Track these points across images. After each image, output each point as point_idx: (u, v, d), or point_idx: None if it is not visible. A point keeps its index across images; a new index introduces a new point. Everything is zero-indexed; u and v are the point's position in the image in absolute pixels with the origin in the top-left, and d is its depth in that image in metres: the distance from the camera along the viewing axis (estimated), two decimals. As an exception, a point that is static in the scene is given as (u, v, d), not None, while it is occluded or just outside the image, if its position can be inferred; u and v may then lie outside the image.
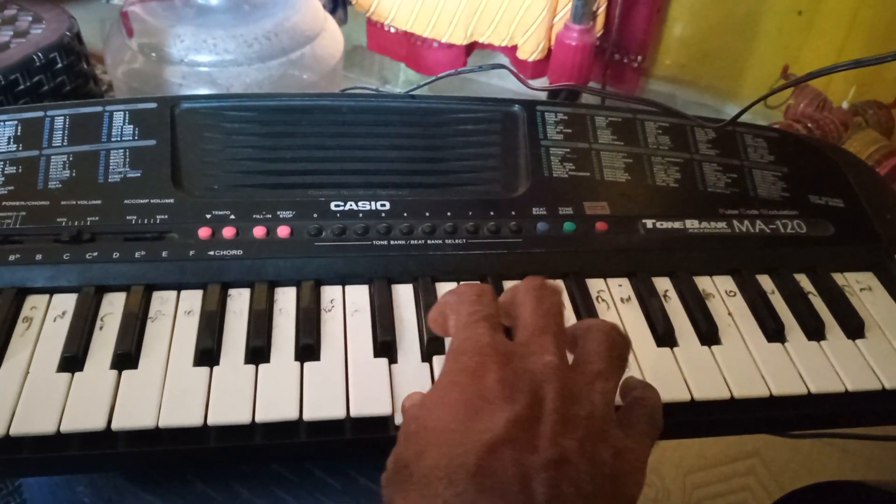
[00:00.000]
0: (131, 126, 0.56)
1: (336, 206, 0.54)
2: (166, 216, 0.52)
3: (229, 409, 0.42)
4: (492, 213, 0.55)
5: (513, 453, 0.30)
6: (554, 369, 0.34)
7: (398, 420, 0.43)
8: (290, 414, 0.42)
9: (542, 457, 0.30)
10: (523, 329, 0.37)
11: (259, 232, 0.51)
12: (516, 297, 0.39)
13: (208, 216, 0.52)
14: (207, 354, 0.45)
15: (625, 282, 0.54)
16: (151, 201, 0.52)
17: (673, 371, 0.48)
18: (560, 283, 0.40)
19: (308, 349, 0.46)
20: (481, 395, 0.33)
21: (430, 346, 0.47)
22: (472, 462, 0.30)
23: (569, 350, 0.37)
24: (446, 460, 0.31)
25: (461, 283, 0.41)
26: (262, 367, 0.45)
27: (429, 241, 0.53)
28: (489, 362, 0.34)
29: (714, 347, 0.49)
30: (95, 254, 0.49)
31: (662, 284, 0.54)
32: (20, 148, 0.54)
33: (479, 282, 0.43)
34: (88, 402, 0.42)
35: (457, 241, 0.53)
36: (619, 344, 0.37)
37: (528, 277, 0.40)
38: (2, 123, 0.55)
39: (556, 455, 0.31)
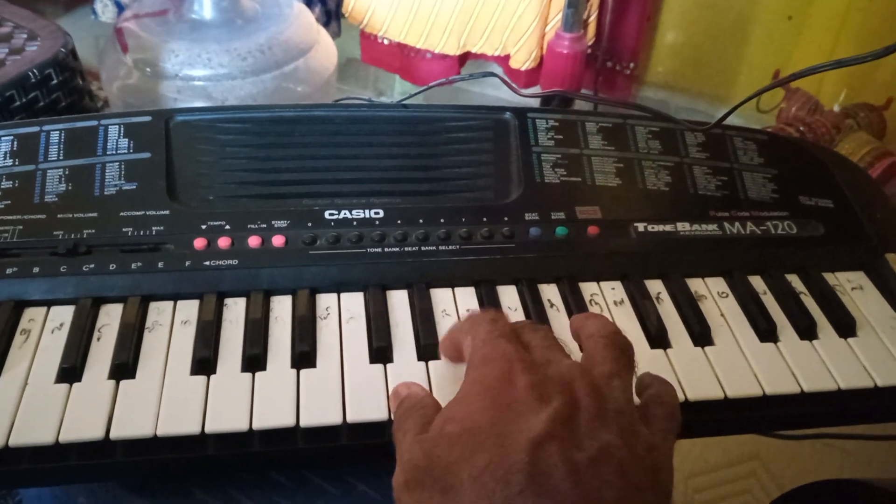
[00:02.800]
0: (126, 139, 0.56)
1: (330, 214, 0.54)
2: (162, 227, 0.52)
3: (227, 417, 0.43)
4: (485, 219, 0.55)
5: (559, 449, 0.31)
6: (578, 369, 0.35)
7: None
8: (287, 421, 0.43)
9: (587, 451, 0.31)
10: (531, 349, 0.38)
11: (254, 241, 0.52)
12: (517, 332, 0.40)
13: (203, 227, 0.52)
14: (204, 363, 0.45)
15: (617, 285, 0.54)
16: (147, 213, 0.53)
17: (667, 372, 0.48)
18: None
19: (304, 356, 0.46)
20: (517, 398, 0.34)
21: (426, 352, 0.47)
22: (525, 460, 0.31)
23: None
24: (499, 460, 0.31)
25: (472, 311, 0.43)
26: (258, 374, 0.45)
27: (423, 248, 0.53)
28: (517, 368, 0.35)
29: (707, 348, 0.50)
30: (92, 266, 0.50)
31: (655, 287, 0.54)
32: (16, 163, 0.54)
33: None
34: (87, 413, 0.42)
35: (450, 247, 0.53)
36: (619, 341, 0.38)
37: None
38: (-2, 139, 0.55)
39: (599, 447, 0.32)
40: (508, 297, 0.52)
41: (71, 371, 0.44)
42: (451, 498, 0.32)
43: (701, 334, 0.51)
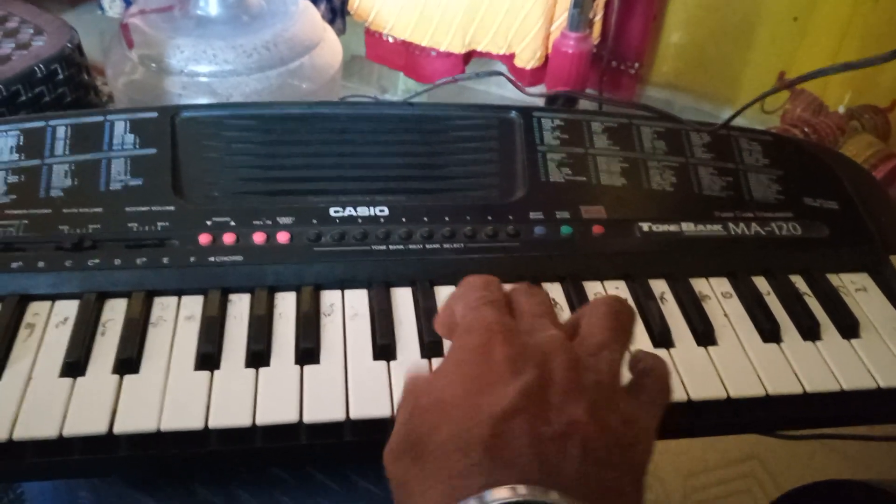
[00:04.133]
0: (132, 135, 0.56)
1: (335, 211, 0.54)
2: (167, 223, 0.52)
3: (230, 413, 0.43)
4: (489, 218, 0.55)
5: (524, 422, 0.31)
6: (559, 341, 0.35)
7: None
8: (291, 416, 0.43)
9: (553, 425, 0.31)
10: (520, 315, 0.38)
11: (259, 238, 0.52)
12: (511, 297, 0.40)
13: (209, 223, 0.53)
14: (208, 359, 0.46)
15: (622, 284, 0.54)
16: (152, 209, 0.53)
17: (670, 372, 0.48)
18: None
19: (308, 353, 0.47)
20: (491, 370, 0.34)
21: (430, 349, 0.48)
22: (486, 433, 0.31)
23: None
24: (461, 432, 0.31)
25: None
26: (262, 370, 0.45)
27: (427, 246, 0.53)
28: (496, 339, 0.35)
29: (710, 348, 0.50)
30: (97, 261, 0.50)
31: (659, 287, 0.54)
32: (22, 157, 0.54)
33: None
34: (90, 407, 0.42)
35: (455, 245, 0.53)
36: (621, 314, 0.38)
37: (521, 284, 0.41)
38: (4, 133, 0.55)
39: (566, 423, 0.31)
40: (512, 295, 0.52)
41: (75, 365, 0.44)
42: (419, 467, 0.32)
43: (704, 334, 0.51)
